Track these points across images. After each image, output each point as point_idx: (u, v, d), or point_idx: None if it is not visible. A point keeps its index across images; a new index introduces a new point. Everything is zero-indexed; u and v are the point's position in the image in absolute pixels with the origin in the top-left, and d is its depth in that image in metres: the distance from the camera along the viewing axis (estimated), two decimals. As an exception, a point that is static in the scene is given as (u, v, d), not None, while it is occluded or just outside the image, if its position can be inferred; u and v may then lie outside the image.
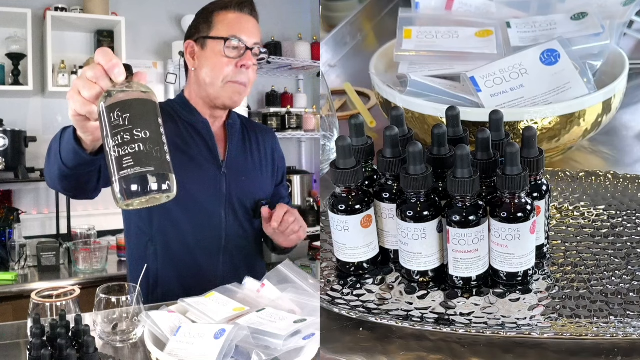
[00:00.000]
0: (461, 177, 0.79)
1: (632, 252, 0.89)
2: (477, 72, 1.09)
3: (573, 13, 1.20)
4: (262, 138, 1.41)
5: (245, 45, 1.24)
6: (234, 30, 1.24)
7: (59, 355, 0.79)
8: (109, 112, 0.72)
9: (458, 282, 0.84)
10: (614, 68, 1.13)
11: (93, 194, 1.11)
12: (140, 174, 0.70)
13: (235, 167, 1.31)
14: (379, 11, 1.72)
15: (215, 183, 1.28)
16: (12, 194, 2.60)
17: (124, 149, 0.71)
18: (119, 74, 0.75)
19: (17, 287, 2.10)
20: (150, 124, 0.73)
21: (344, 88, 1.45)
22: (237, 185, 1.30)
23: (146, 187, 0.71)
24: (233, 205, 1.29)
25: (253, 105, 3.22)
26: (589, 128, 1.07)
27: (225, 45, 1.23)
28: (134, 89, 0.75)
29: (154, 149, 0.72)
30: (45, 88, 2.59)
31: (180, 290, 1.22)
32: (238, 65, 1.24)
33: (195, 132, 1.29)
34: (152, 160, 0.71)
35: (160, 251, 1.27)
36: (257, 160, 1.37)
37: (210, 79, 1.26)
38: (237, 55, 1.24)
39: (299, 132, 3.17)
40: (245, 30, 1.25)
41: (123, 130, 0.71)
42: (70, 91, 0.79)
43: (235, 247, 1.31)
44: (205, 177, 1.27)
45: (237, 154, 1.33)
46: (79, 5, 2.67)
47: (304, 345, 0.82)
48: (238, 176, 1.31)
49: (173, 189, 0.73)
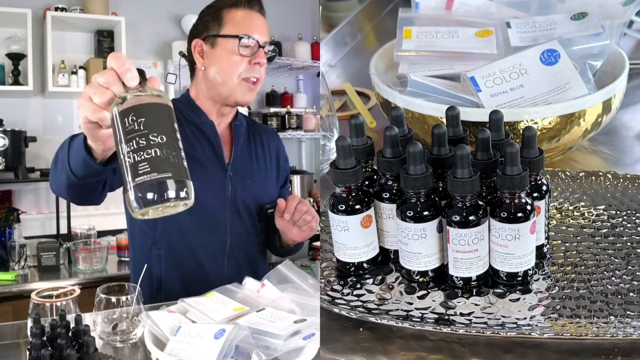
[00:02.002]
0: (461, 177, 0.79)
1: (632, 252, 0.89)
2: (477, 72, 1.09)
3: (573, 13, 1.20)
4: (266, 140, 1.40)
5: (258, 43, 1.24)
6: (246, 28, 1.24)
7: (59, 355, 0.79)
8: (123, 117, 0.69)
9: (458, 282, 0.84)
10: (614, 68, 1.13)
11: (98, 200, 1.10)
12: (157, 181, 0.67)
13: (241, 170, 1.30)
14: (379, 11, 1.72)
15: (220, 186, 1.27)
16: (12, 194, 2.60)
17: (140, 155, 0.67)
18: (132, 78, 0.73)
19: (17, 287, 2.10)
20: (167, 129, 0.70)
21: (344, 88, 1.45)
22: (242, 188, 1.29)
23: (164, 194, 0.67)
24: (238, 209, 1.29)
25: (253, 105, 3.22)
26: (589, 128, 1.07)
27: (239, 43, 1.23)
28: (148, 93, 0.72)
29: (170, 154, 0.68)
30: (45, 88, 2.59)
31: (183, 294, 1.21)
32: (252, 63, 1.24)
33: (201, 134, 1.28)
34: (170, 166, 0.68)
35: (164, 254, 1.26)
36: (262, 163, 1.36)
37: (222, 78, 1.25)
38: (250, 53, 1.24)
39: (299, 132, 3.17)
40: (256, 28, 1.25)
41: (138, 135, 0.68)
42: (81, 98, 0.77)
43: (240, 250, 1.31)
44: (211, 180, 1.26)
45: (242, 157, 1.32)
46: (79, 5, 2.68)
47: (304, 345, 0.82)
48: (243, 179, 1.30)
49: (191, 196, 0.70)
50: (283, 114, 3.15)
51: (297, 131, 3.15)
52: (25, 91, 2.54)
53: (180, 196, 0.68)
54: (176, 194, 0.68)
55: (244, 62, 1.23)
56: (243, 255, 1.31)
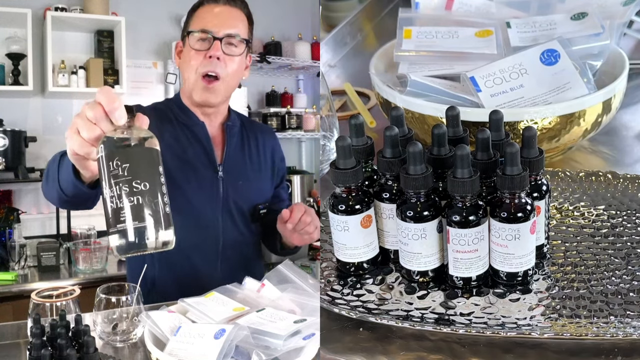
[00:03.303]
0: (461, 177, 0.79)
1: (632, 252, 0.89)
2: (477, 72, 1.09)
3: (573, 13, 1.20)
4: (262, 139, 1.39)
5: (212, 36, 1.21)
6: (204, 22, 1.22)
7: (59, 355, 0.79)
8: (108, 160, 0.70)
9: (458, 282, 0.84)
10: (614, 68, 1.13)
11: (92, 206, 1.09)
12: (138, 229, 0.69)
13: (233, 171, 1.29)
14: (379, 11, 1.72)
15: (211, 187, 1.26)
16: (12, 194, 2.60)
17: (122, 201, 0.69)
18: (120, 117, 0.73)
19: (17, 287, 2.10)
20: (151, 175, 0.71)
21: (344, 88, 1.45)
22: (234, 189, 1.28)
23: (143, 241, 0.69)
24: (230, 210, 1.28)
25: (253, 105, 3.22)
26: (589, 128, 1.07)
27: (192, 38, 1.22)
28: (135, 135, 0.73)
29: (153, 201, 0.70)
30: (45, 88, 2.59)
31: (177, 294, 1.21)
32: (206, 56, 1.21)
33: (192, 135, 1.27)
34: (152, 214, 0.70)
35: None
36: (255, 163, 1.35)
37: (185, 76, 1.25)
38: (205, 47, 1.21)
39: (299, 132, 3.17)
40: (215, 22, 1.22)
41: (122, 182, 0.69)
42: (70, 130, 0.77)
43: (233, 252, 1.30)
44: (202, 181, 1.25)
45: (235, 157, 1.31)
46: (79, 5, 2.67)
47: (304, 345, 0.82)
48: (235, 180, 1.29)
49: (172, 242, 0.72)
50: (283, 114, 3.14)
51: (297, 131, 3.15)
52: (25, 91, 2.54)
53: (160, 243, 0.71)
54: (155, 243, 0.70)
55: (199, 57, 1.21)
56: (236, 256, 1.30)
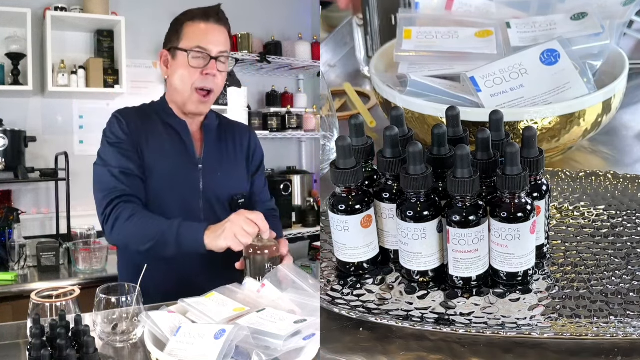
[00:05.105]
0: (461, 177, 0.79)
1: (632, 252, 0.89)
2: (477, 72, 1.09)
3: (573, 13, 1.20)
4: (239, 136, 1.48)
5: (209, 55, 1.31)
6: (198, 41, 1.32)
7: (59, 355, 0.79)
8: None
9: (458, 282, 0.84)
10: (614, 68, 1.13)
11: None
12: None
13: (211, 164, 1.38)
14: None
15: (192, 179, 1.35)
16: (11, 194, 2.59)
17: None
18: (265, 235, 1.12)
19: (17, 287, 2.09)
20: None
21: (344, 88, 1.45)
22: (212, 180, 1.37)
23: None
24: (210, 200, 1.36)
25: (253, 105, 3.21)
26: (589, 128, 1.07)
27: (190, 56, 1.30)
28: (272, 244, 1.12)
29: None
30: (45, 88, 2.59)
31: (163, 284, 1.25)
32: (203, 73, 1.31)
33: (174, 131, 1.37)
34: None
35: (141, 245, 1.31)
36: (232, 156, 1.44)
37: (179, 87, 1.34)
38: (201, 65, 1.31)
39: (299, 132, 3.16)
40: (209, 40, 1.32)
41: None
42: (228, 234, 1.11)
43: None
44: (183, 173, 1.34)
45: (212, 152, 1.40)
46: (79, 5, 2.67)
47: (304, 345, 0.82)
48: (214, 172, 1.38)
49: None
50: (283, 113, 3.14)
51: (297, 131, 3.15)
52: (25, 91, 2.54)
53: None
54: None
55: (196, 73, 1.31)
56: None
